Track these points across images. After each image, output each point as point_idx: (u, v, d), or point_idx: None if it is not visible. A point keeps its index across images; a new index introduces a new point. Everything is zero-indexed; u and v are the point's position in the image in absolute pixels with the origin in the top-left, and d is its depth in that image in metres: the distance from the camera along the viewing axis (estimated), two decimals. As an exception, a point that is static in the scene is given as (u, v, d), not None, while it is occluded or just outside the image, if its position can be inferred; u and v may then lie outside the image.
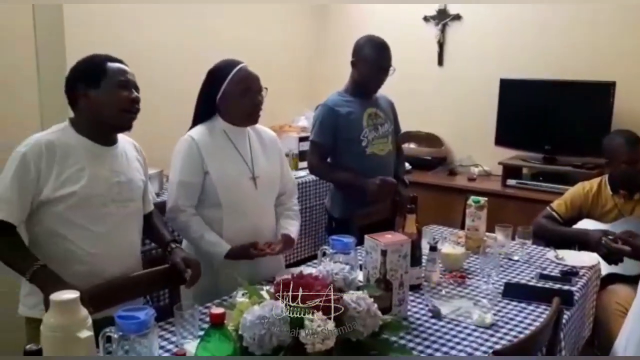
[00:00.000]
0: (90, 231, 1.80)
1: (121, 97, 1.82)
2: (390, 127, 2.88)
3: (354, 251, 1.99)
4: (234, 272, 2.09)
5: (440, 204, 3.80)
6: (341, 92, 2.82)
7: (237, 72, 2.14)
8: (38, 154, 1.73)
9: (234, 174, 2.15)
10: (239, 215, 2.16)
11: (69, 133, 1.82)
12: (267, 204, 2.28)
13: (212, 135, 2.17)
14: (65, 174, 1.76)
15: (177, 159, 2.15)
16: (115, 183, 1.86)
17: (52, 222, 1.77)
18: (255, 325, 1.38)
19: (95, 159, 1.83)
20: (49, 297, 1.33)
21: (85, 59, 1.87)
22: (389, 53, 2.75)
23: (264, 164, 2.24)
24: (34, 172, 1.73)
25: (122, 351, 1.43)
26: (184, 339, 1.66)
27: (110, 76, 1.82)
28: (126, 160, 1.94)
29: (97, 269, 1.81)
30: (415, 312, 1.89)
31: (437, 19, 4.32)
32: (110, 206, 1.84)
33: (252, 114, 2.19)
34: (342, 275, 1.63)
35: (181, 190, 2.13)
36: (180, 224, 2.14)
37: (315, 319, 1.40)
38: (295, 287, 1.50)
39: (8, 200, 1.72)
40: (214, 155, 2.14)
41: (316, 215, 3.93)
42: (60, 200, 1.75)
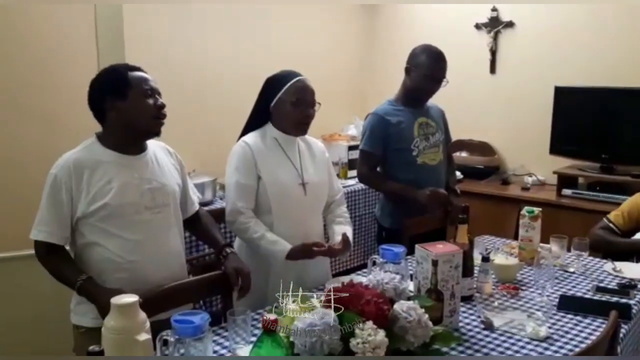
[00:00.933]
0: (127, 239, 1.83)
1: (149, 105, 1.84)
2: (442, 136, 2.86)
3: (404, 261, 1.98)
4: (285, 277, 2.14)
5: (493, 213, 3.74)
6: (392, 101, 2.82)
7: (295, 82, 2.19)
8: (67, 174, 1.79)
9: (285, 180, 2.20)
10: (289, 221, 2.19)
11: (96, 148, 1.86)
12: (315, 211, 2.31)
13: (264, 142, 2.22)
14: (95, 189, 1.80)
15: (232, 163, 2.20)
16: (147, 190, 1.88)
17: (91, 234, 1.83)
18: (306, 332, 1.40)
19: (123, 169, 1.85)
20: (110, 300, 1.38)
21: (106, 72, 1.89)
22: (444, 64, 2.74)
23: (313, 171, 2.28)
24: (65, 192, 1.78)
25: (178, 354, 1.47)
26: (237, 344, 1.69)
27: (135, 85, 1.83)
28: (157, 166, 1.95)
29: (138, 276, 1.84)
30: (466, 323, 1.87)
31: (489, 26, 4.27)
32: (144, 213, 1.86)
33: (301, 125, 2.22)
34: (392, 285, 1.63)
35: (238, 192, 2.17)
36: (240, 225, 2.18)
37: (365, 328, 1.41)
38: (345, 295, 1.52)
39: (47, 222, 1.80)
40: (266, 161, 2.19)
41: (365, 224, 3.94)
42: (94, 213, 1.80)
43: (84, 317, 1.86)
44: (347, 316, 1.44)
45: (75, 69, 2.63)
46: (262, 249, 2.16)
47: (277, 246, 2.13)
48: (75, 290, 1.77)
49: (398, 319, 1.49)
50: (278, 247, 2.13)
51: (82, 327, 1.86)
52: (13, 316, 2.59)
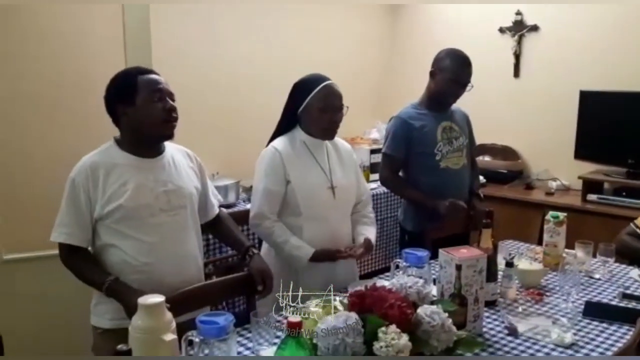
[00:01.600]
0: (142, 241, 1.84)
1: (157, 109, 1.84)
2: (465, 140, 2.85)
3: (427, 265, 1.98)
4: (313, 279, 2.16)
5: (516, 218, 3.70)
6: (415, 105, 2.81)
7: (323, 88, 2.20)
8: (85, 177, 1.81)
9: (314, 183, 2.22)
10: (318, 223, 2.21)
11: (113, 151, 1.88)
12: (344, 213, 2.33)
13: (293, 146, 2.24)
14: (110, 191, 1.82)
15: (261, 168, 2.23)
16: (162, 192, 1.88)
17: (107, 235, 1.85)
18: (329, 335, 1.41)
19: (138, 171, 1.86)
20: (137, 300, 1.41)
21: (117, 77, 1.90)
22: (469, 69, 2.72)
23: (341, 174, 2.30)
24: (83, 195, 1.81)
25: (202, 355, 1.49)
26: (260, 345, 1.70)
27: (142, 90, 1.83)
28: (174, 169, 1.95)
29: (153, 278, 1.84)
30: (490, 328, 1.86)
31: (514, 30, 4.23)
32: (160, 215, 1.87)
33: (329, 130, 2.24)
34: (415, 289, 1.63)
35: (265, 198, 2.20)
36: (265, 230, 2.20)
37: (389, 332, 1.41)
38: (369, 299, 1.52)
39: (67, 224, 1.83)
40: (296, 165, 2.21)
41: (387, 227, 3.93)
42: (110, 215, 1.82)
43: (102, 318, 1.89)
44: (371, 319, 1.45)
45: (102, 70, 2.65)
46: (285, 253, 2.18)
47: (301, 251, 2.16)
48: (102, 291, 1.79)
49: (421, 323, 1.49)
50: (301, 252, 2.16)
51: (99, 328, 1.89)
52: (35, 316, 2.64)
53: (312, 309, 1.83)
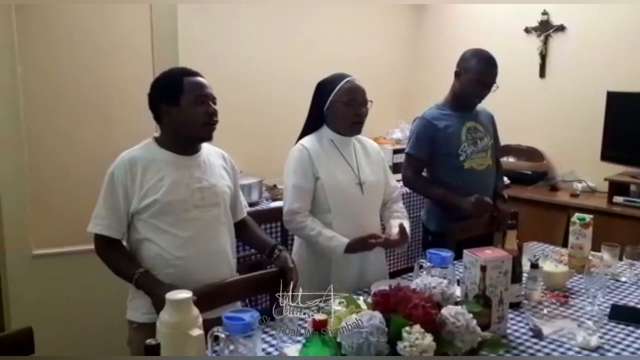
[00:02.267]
0: (176, 236, 1.89)
1: (199, 113, 1.88)
2: (490, 141, 2.83)
3: (451, 265, 1.98)
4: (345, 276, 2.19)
5: (540, 220, 3.67)
6: (440, 105, 2.80)
7: (345, 83, 2.24)
8: (123, 171, 1.87)
9: (342, 180, 2.24)
10: (347, 219, 2.23)
11: (152, 148, 1.94)
12: (373, 209, 2.35)
13: (321, 144, 2.28)
14: (147, 186, 1.87)
15: (290, 165, 2.26)
16: (197, 189, 1.93)
17: (143, 229, 1.90)
18: (353, 334, 1.42)
19: (175, 168, 1.91)
20: (165, 296, 1.43)
21: (163, 76, 1.96)
22: (495, 70, 2.70)
23: (369, 171, 2.32)
24: (121, 188, 1.87)
25: (228, 351, 1.51)
26: (284, 342, 1.72)
27: (187, 92, 1.88)
28: (209, 167, 2.00)
29: (186, 272, 1.88)
30: (515, 330, 1.85)
31: (539, 30, 4.19)
32: (194, 211, 1.91)
33: (355, 125, 2.27)
34: (440, 289, 1.63)
35: (296, 195, 2.23)
36: (297, 225, 2.23)
37: (413, 332, 1.41)
38: (392, 298, 1.53)
39: (104, 216, 1.88)
40: (324, 162, 2.24)
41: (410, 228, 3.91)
42: (146, 209, 1.87)
43: (136, 312, 1.93)
44: (395, 319, 1.45)
45: (130, 70, 2.72)
46: (319, 245, 2.20)
47: (335, 242, 2.17)
48: (132, 283, 1.83)
49: (446, 323, 1.48)
50: (336, 243, 2.17)
51: (134, 322, 1.93)
52: (63, 310, 2.69)
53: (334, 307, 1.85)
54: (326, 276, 2.22)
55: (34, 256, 2.66)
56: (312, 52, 4.01)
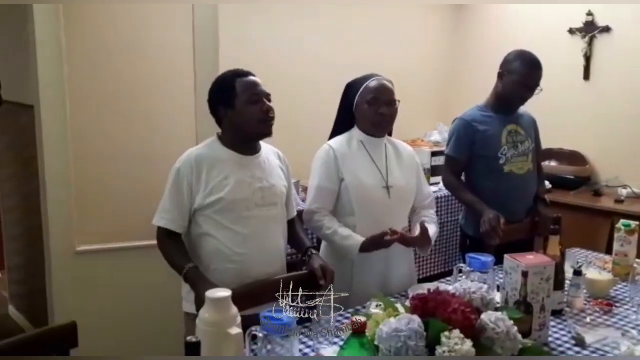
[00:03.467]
0: (237, 233, 1.95)
1: (255, 112, 1.96)
2: (532, 145, 2.77)
3: (492, 271, 1.95)
4: (368, 281, 2.17)
5: (583, 226, 3.57)
6: (481, 107, 2.76)
7: (370, 82, 2.23)
8: (189, 168, 1.95)
9: (368, 182, 2.22)
10: (372, 223, 2.20)
11: (216, 146, 2.02)
12: (400, 214, 2.31)
13: (349, 145, 2.26)
14: (212, 184, 1.94)
15: (316, 165, 2.27)
16: (258, 188, 2.00)
17: (205, 225, 1.97)
18: (391, 337, 1.41)
19: (239, 167, 1.99)
20: (205, 294, 1.45)
21: (217, 81, 2.04)
22: (539, 72, 2.64)
23: (399, 175, 2.28)
24: (186, 185, 1.94)
25: (265, 350, 1.51)
26: (320, 344, 1.72)
27: (241, 94, 1.96)
28: (269, 167, 2.07)
29: (245, 268, 1.96)
30: (556, 338, 1.81)
31: (584, 31, 4.10)
32: (254, 210, 1.98)
33: (379, 124, 2.23)
34: (479, 295, 1.60)
35: (318, 195, 2.23)
36: (315, 223, 2.23)
37: (452, 337, 1.40)
38: (431, 302, 1.51)
39: (169, 210, 1.96)
40: (350, 164, 2.22)
41: (448, 231, 3.88)
42: (210, 206, 1.94)
43: (194, 305, 1.94)
44: (433, 324, 1.44)
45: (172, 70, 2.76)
46: (336, 244, 2.19)
47: (350, 240, 2.16)
48: (181, 275, 1.91)
49: (486, 329, 1.46)
50: (351, 242, 2.15)
51: (192, 314, 1.95)
52: (114, 306, 2.75)
53: (372, 310, 1.84)
54: (348, 278, 2.21)
55: (78, 252, 2.72)
56: (349, 54, 4.00)
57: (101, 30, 2.70)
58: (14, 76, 3.17)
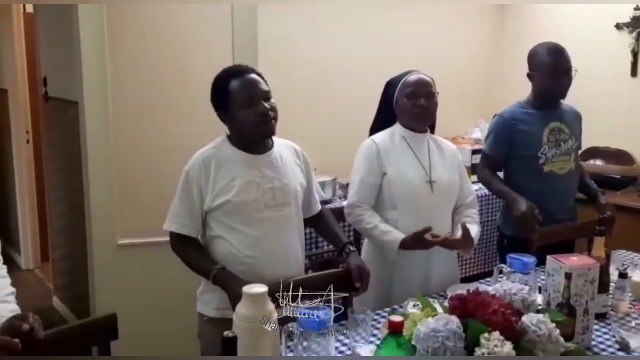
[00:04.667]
0: (247, 235, 1.89)
1: (249, 116, 1.86)
2: (575, 143, 2.68)
3: (533, 272, 1.90)
4: (408, 280, 2.14)
5: (629, 227, 3.45)
6: (522, 103, 2.68)
7: (408, 77, 2.22)
8: (197, 170, 1.89)
9: (411, 177, 2.20)
10: (414, 218, 2.17)
11: (225, 146, 1.95)
12: (443, 210, 2.27)
13: (391, 140, 2.25)
14: (219, 185, 1.88)
15: (358, 160, 2.25)
16: (268, 189, 1.92)
17: (215, 226, 1.92)
18: (429, 337, 1.39)
19: (247, 167, 1.91)
20: (242, 289, 1.45)
21: (213, 81, 1.94)
22: (563, 55, 2.55)
23: (442, 171, 2.25)
24: (195, 187, 1.89)
25: (301, 347, 1.52)
26: (356, 342, 1.71)
27: (234, 97, 1.87)
28: (281, 165, 1.98)
29: (256, 271, 1.87)
30: (599, 342, 1.76)
31: (632, 26, 3.96)
32: (265, 211, 1.91)
33: (418, 116, 2.21)
34: (520, 296, 1.57)
35: (360, 189, 2.22)
36: (355, 218, 2.22)
37: (492, 338, 1.37)
38: (470, 303, 1.48)
39: (180, 214, 1.92)
40: (392, 158, 2.21)
41: (487, 231, 3.81)
42: (218, 208, 1.89)
43: (207, 307, 1.96)
44: (472, 325, 1.41)
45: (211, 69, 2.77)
46: (375, 239, 2.18)
47: (389, 236, 2.13)
48: (209, 279, 1.86)
49: (527, 332, 1.43)
50: (390, 237, 2.13)
51: (205, 315, 1.97)
52: (153, 299, 2.80)
53: (409, 309, 1.82)
54: (389, 277, 2.19)
55: (119, 245, 2.78)
56: (391, 52, 3.97)
57: (142, 30, 2.75)
58: (59, 73, 3.26)
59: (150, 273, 2.79)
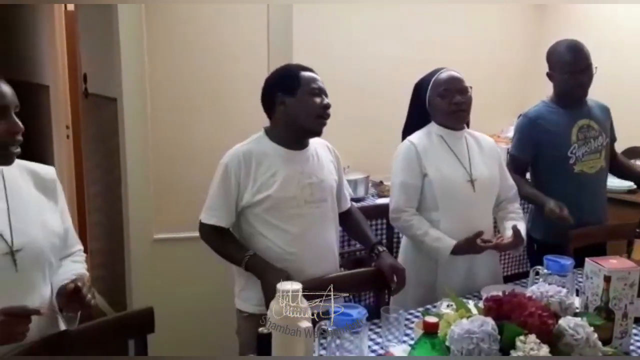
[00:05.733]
0: (286, 231, 1.92)
1: (314, 104, 1.91)
2: (605, 140, 2.58)
3: (571, 274, 1.87)
4: (452, 279, 2.13)
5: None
6: (547, 102, 2.60)
7: (439, 75, 2.20)
8: (237, 164, 1.91)
9: (452, 176, 2.17)
10: (456, 218, 2.16)
11: (264, 141, 1.97)
12: (485, 208, 2.25)
13: (429, 140, 2.22)
14: (260, 180, 1.90)
15: (397, 162, 2.23)
16: (307, 185, 1.95)
17: (254, 222, 1.94)
18: (463, 339, 1.38)
19: (287, 163, 1.94)
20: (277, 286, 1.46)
21: (281, 69, 2.01)
22: (583, 52, 2.47)
23: (482, 167, 2.23)
24: (234, 181, 1.91)
25: (334, 345, 1.52)
26: (389, 341, 1.71)
27: (304, 84, 1.91)
28: (317, 161, 2.01)
29: (297, 267, 1.90)
30: (638, 346, 1.72)
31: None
32: (304, 207, 1.94)
33: (455, 114, 2.18)
34: (557, 298, 1.54)
35: (402, 192, 2.20)
36: (403, 223, 2.20)
37: (528, 341, 1.35)
38: (506, 305, 1.47)
39: (217, 207, 1.94)
40: (432, 158, 2.19)
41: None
42: (258, 203, 1.91)
43: (247, 303, 1.99)
44: (508, 327, 1.39)
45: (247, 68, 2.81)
46: (425, 245, 2.16)
47: (441, 243, 2.12)
48: (241, 266, 1.90)
49: (564, 335, 1.41)
50: (442, 244, 2.12)
51: (244, 312, 2.00)
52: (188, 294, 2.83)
53: (442, 310, 1.81)
54: (432, 277, 2.18)
55: (155, 240, 2.83)
56: (425, 51, 3.93)
57: (180, 29, 2.78)
58: (99, 70, 3.33)
59: (186, 268, 2.83)
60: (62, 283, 1.50)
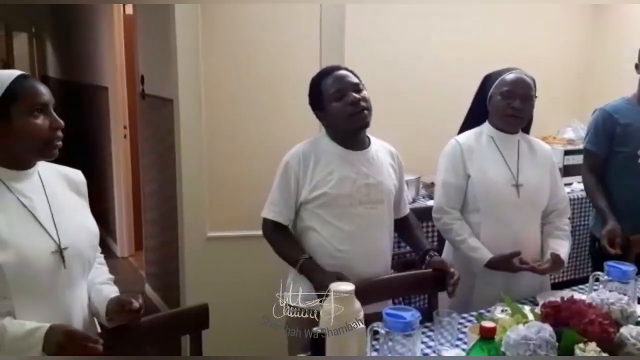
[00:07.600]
0: (340, 229, 1.94)
1: (340, 108, 1.92)
2: None
3: (633, 281, 1.80)
4: (491, 283, 2.09)
5: None
6: (627, 99, 2.55)
7: (507, 75, 2.15)
8: (297, 162, 1.96)
9: (495, 179, 2.13)
10: (498, 222, 2.12)
11: (324, 140, 2.01)
12: (530, 216, 2.19)
13: (478, 140, 2.19)
14: (317, 178, 1.94)
15: (442, 161, 2.22)
16: (363, 185, 1.95)
17: (308, 218, 1.98)
18: (519, 345, 1.35)
19: (344, 162, 1.96)
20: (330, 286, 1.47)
21: (310, 83, 2.02)
22: None
23: (531, 174, 2.17)
24: (293, 178, 1.96)
25: (386, 347, 1.51)
26: (441, 345, 1.69)
27: (325, 93, 1.94)
28: (377, 163, 2.02)
29: (346, 266, 1.91)
30: None
31: None
32: (358, 207, 1.95)
33: (508, 118, 2.13)
34: (619, 306, 1.50)
35: (444, 192, 2.18)
36: (444, 226, 2.19)
37: (588, 350, 1.32)
38: (565, 311, 1.43)
39: (277, 203, 1.99)
40: (477, 159, 2.15)
41: (579, 236, 3.65)
42: (314, 200, 1.94)
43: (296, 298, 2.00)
44: (567, 334, 1.36)
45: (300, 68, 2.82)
46: (462, 252, 2.14)
47: (477, 254, 2.09)
48: (296, 267, 1.93)
49: (625, 344, 1.37)
50: (477, 255, 2.09)
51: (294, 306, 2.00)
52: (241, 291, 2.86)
53: (497, 315, 1.78)
54: (469, 287, 2.13)
55: (209, 238, 2.89)
56: (481, 50, 3.87)
57: (234, 30, 2.83)
58: (156, 71, 3.42)
59: (239, 266, 2.88)
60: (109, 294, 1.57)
